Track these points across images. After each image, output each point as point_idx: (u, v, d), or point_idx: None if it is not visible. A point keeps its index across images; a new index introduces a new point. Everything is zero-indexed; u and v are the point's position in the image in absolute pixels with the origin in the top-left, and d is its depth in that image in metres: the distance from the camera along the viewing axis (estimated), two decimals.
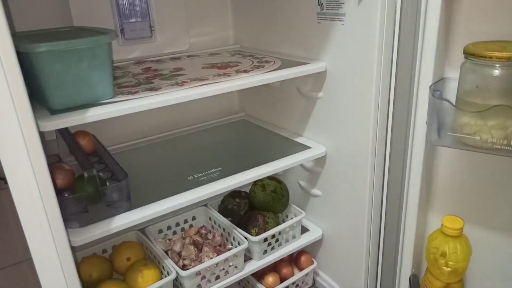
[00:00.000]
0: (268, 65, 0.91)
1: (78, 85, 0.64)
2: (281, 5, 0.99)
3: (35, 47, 0.58)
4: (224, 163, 0.92)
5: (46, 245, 0.59)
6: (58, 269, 0.62)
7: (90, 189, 0.72)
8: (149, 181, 0.87)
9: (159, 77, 0.84)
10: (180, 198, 0.79)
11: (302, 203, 1.13)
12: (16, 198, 0.55)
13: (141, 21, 1.05)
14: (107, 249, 1.00)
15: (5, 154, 0.53)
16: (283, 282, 1.06)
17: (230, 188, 0.84)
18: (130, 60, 1.04)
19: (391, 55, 0.80)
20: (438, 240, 0.83)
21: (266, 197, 1.05)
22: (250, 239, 0.95)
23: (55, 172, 0.74)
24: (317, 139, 1.02)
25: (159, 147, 1.06)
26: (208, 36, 1.17)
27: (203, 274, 0.89)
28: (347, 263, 1.04)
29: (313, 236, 1.08)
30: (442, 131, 0.75)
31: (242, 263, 0.96)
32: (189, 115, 1.18)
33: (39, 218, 0.57)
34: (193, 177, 0.86)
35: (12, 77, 0.50)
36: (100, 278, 0.89)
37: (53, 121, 0.61)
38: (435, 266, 0.85)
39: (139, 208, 0.75)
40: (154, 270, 0.88)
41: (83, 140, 0.89)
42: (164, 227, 1.06)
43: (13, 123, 0.52)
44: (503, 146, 0.67)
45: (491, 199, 0.82)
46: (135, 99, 0.69)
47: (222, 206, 1.11)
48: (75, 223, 0.70)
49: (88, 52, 0.63)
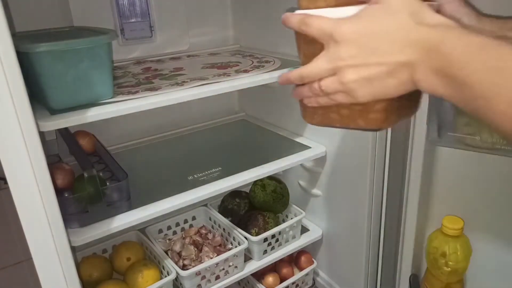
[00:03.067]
0: (268, 65, 0.91)
1: (78, 85, 0.64)
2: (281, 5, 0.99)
3: (35, 47, 0.58)
4: (224, 163, 0.92)
5: (46, 245, 0.59)
6: (58, 269, 0.62)
7: (90, 189, 0.72)
8: (149, 181, 0.87)
9: (159, 77, 0.84)
10: (180, 198, 0.78)
11: (302, 203, 1.13)
12: (16, 198, 0.55)
13: (141, 21, 1.05)
14: (107, 249, 1.00)
15: (5, 154, 0.53)
16: (283, 282, 1.06)
17: (230, 188, 0.84)
18: (130, 60, 1.04)
19: None
20: (438, 240, 0.83)
21: (266, 197, 1.05)
22: (250, 239, 0.95)
23: (55, 172, 0.74)
24: (317, 139, 1.01)
25: (159, 147, 1.06)
26: (208, 36, 1.17)
27: (203, 274, 0.89)
28: (347, 263, 1.04)
29: (313, 236, 1.08)
30: (442, 131, 0.75)
31: (242, 263, 0.96)
32: (189, 115, 1.18)
33: (39, 218, 0.57)
34: (193, 177, 0.86)
35: (12, 77, 0.50)
36: (100, 278, 0.89)
37: (53, 121, 0.61)
38: (435, 266, 0.85)
39: (139, 208, 0.75)
40: (154, 270, 0.88)
41: (83, 140, 0.89)
42: (164, 227, 1.06)
43: (13, 123, 0.52)
44: (503, 146, 0.67)
45: (491, 199, 0.82)
46: (135, 99, 0.69)
47: (222, 206, 1.11)
48: (75, 223, 0.70)
49: (88, 52, 0.63)
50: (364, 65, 0.40)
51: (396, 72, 0.39)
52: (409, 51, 0.38)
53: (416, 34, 0.37)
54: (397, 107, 0.45)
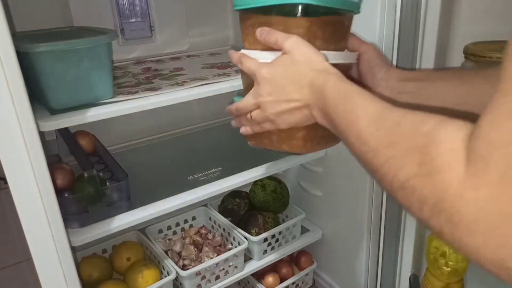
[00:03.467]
0: None
1: (78, 85, 0.64)
2: None
3: (35, 47, 0.58)
4: (224, 163, 0.92)
5: (46, 245, 0.59)
6: (58, 269, 0.62)
7: (90, 189, 0.72)
8: (149, 181, 0.87)
9: (159, 77, 0.84)
10: (180, 198, 0.78)
11: (302, 203, 1.13)
12: (16, 198, 0.55)
13: (141, 21, 1.05)
14: (107, 249, 1.00)
15: (5, 154, 0.53)
16: (283, 282, 1.06)
17: (230, 188, 0.84)
18: (130, 60, 1.04)
19: (391, 55, 0.79)
20: (438, 240, 0.83)
21: (266, 197, 1.05)
22: (250, 239, 0.95)
23: (55, 172, 0.74)
24: None
25: (159, 147, 1.06)
26: (208, 36, 1.17)
27: (203, 274, 0.89)
28: (347, 263, 1.04)
29: (313, 236, 1.08)
30: None
31: (242, 263, 0.96)
32: (189, 115, 1.18)
33: (39, 218, 0.57)
34: (193, 177, 0.86)
35: (12, 77, 0.50)
36: (100, 278, 0.89)
37: (53, 121, 0.61)
38: (435, 266, 0.85)
39: (139, 208, 0.75)
40: (154, 270, 0.88)
41: (83, 140, 0.89)
42: (164, 227, 1.06)
43: (13, 123, 0.52)
44: None
45: None
46: (135, 99, 0.69)
47: (222, 206, 1.11)
48: (75, 223, 0.70)
49: (88, 52, 0.63)
50: (277, 101, 0.51)
51: (301, 108, 0.50)
52: (305, 91, 0.48)
53: (308, 78, 0.48)
54: (316, 136, 0.56)
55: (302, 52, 0.50)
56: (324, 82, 0.46)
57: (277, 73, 0.51)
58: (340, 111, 0.43)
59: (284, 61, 0.51)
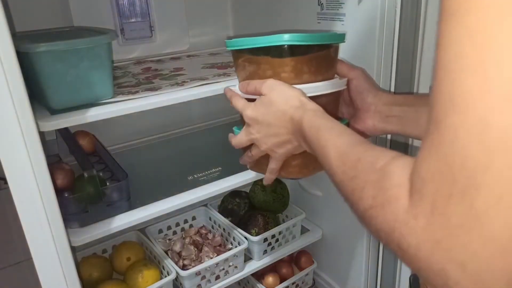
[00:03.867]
0: None
1: (78, 85, 0.64)
2: (281, 5, 0.99)
3: (35, 47, 0.58)
4: (224, 163, 0.92)
5: (46, 245, 0.59)
6: (58, 269, 0.62)
7: (90, 189, 0.72)
8: (149, 181, 0.87)
9: (159, 77, 0.84)
10: (180, 198, 0.78)
11: (302, 203, 1.13)
12: (16, 198, 0.55)
13: (141, 21, 1.05)
14: (107, 249, 1.00)
15: (5, 154, 0.53)
16: (283, 282, 1.06)
17: (230, 188, 0.84)
18: (130, 60, 1.04)
19: (391, 55, 0.80)
20: None
21: (266, 197, 1.05)
22: (250, 239, 0.95)
23: (55, 172, 0.74)
24: None
25: (159, 147, 1.06)
26: (208, 36, 1.17)
27: (203, 274, 0.89)
28: (347, 263, 1.04)
29: (313, 236, 1.08)
30: None
31: (242, 263, 0.96)
32: (189, 115, 1.18)
33: (39, 218, 0.57)
34: (193, 177, 0.86)
35: (12, 77, 0.50)
36: (100, 278, 0.89)
37: (53, 121, 0.61)
38: None
39: (139, 208, 0.75)
40: (154, 270, 0.88)
41: (83, 140, 0.89)
42: (164, 227, 1.06)
43: (13, 123, 0.52)
44: None
45: None
46: (135, 99, 0.69)
47: (222, 206, 1.11)
48: (75, 223, 0.70)
49: (88, 52, 0.63)
50: (267, 136, 0.58)
51: (290, 140, 0.56)
52: (289, 125, 0.55)
53: (288, 115, 0.54)
54: (310, 162, 0.62)
55: (277, 92, 0.57)
56: (300, 118, 0.52)
57: (260, 112, 0.58)
58: (315, 146, 0.48)
59: (264, 101, 0.58)
